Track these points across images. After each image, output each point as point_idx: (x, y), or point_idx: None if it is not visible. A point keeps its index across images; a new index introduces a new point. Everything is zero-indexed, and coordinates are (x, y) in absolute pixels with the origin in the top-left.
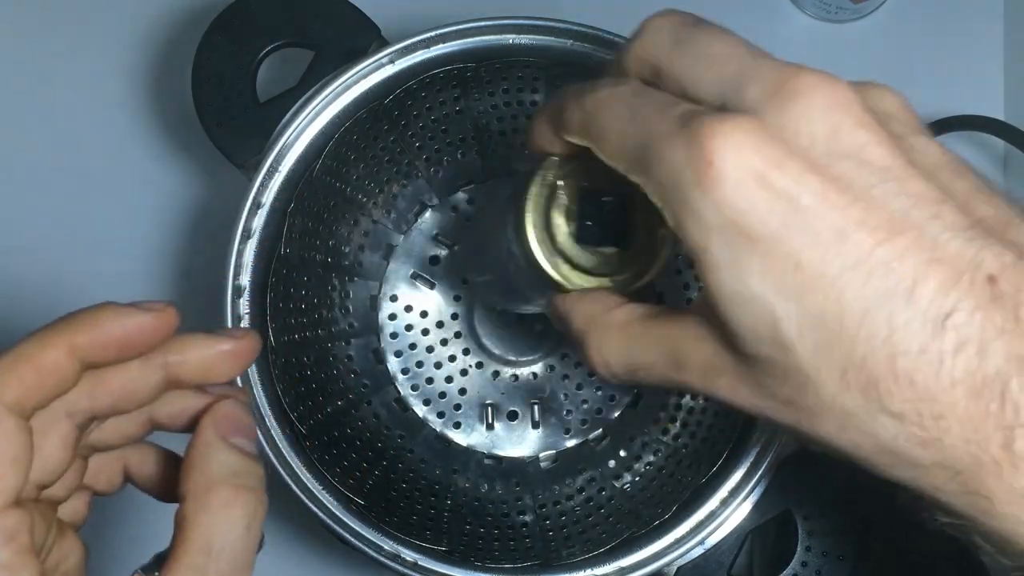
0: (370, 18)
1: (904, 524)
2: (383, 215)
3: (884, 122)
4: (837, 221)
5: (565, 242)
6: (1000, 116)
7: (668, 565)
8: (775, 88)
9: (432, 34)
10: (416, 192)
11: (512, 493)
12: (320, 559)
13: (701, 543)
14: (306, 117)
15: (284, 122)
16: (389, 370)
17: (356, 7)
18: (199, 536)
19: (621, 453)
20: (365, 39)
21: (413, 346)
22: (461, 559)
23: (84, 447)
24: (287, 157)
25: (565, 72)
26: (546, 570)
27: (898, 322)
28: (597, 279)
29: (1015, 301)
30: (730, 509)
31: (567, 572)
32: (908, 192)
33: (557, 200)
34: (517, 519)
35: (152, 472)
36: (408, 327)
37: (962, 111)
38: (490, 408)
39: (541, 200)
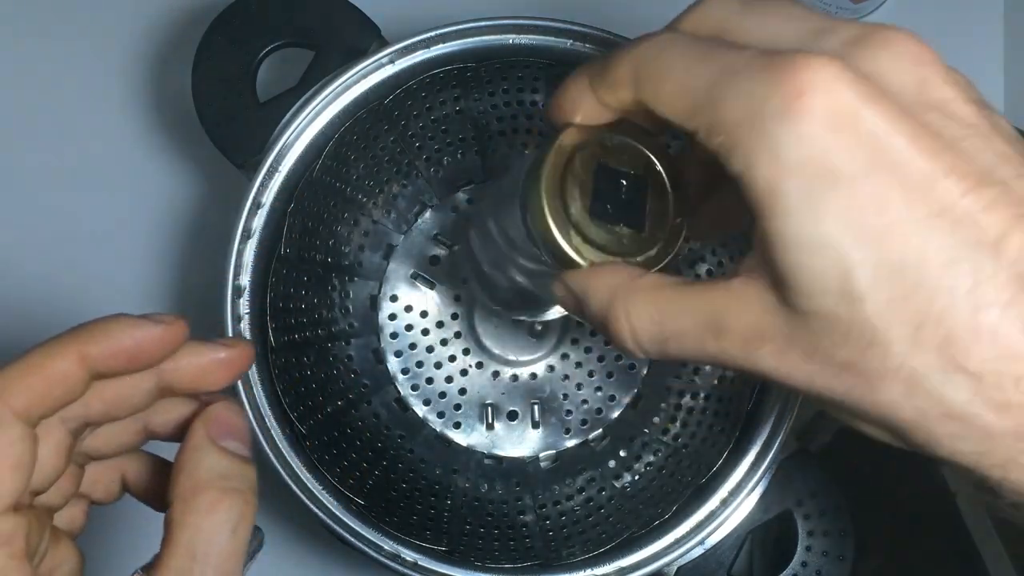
0: (370, 18)
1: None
2: (383, 215)
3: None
4: (926, 166)
5: (579, 214)
6: None
7: (668, 565)
8: (860, 37)
9: (432, 34)
10: (416, 192)
11: (512, 493)
12: (320, 559)
13: (701, 543)
14: (306, 117)
15: (284, 122)
16: (389, 370)
17: (356, 7)
18: (184, 539)
19: (621, 453)
20: (365, 39)
21: (413, 346)
22: (461, 559)
23: (79, 455)
24: (287, 157)
25: (565, 72)
26: (546, 570)
27: (984, 274)
28: (609, 257)
29: None
30: (730, 509)
31: (567, 572)
32: (994, 150)
33: (573, 171)
34: (517, 519)
35: (149, 481)
36: (408, 327)
37: None
38: (490, 408)
39: (557, 170)
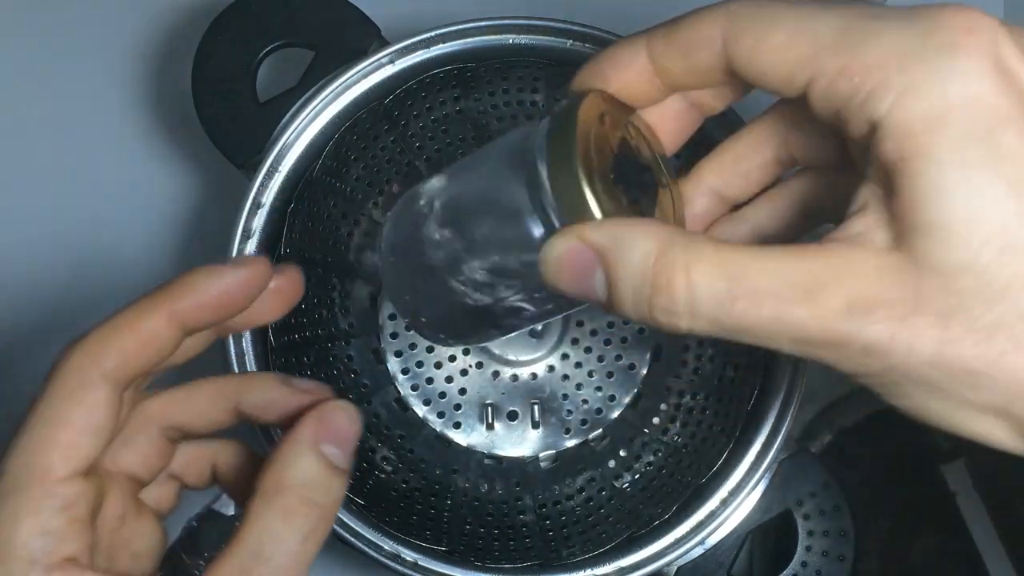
0: (370, 18)
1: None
2: (383, 215)
3: None
4: None
5: (601, 177)
6: None
7: (668, 565)
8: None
9: (432, 34)
10: None
11: (512, 493)
12: (320, 559)
13: (701, 543)
14: (306, 117)
15: (284, 122)
16: (389, 370)
17: (356, 7)
18: (253, 538)
19: (621, 453)
20: (365, 39)
21: (413, 346)
22: (461, 559)
23: (169, 428)
24: (287, 157)
25: (565, 72)
26: (546, 570)
27: None
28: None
29: None
30: (730, 509)
31: (567, 572)
32: None
33: (595, 138)
34: (517, 519)
35: (238, 473)
36: (408, 327)
37: None
38: (490, 408)
39: (584, 126)
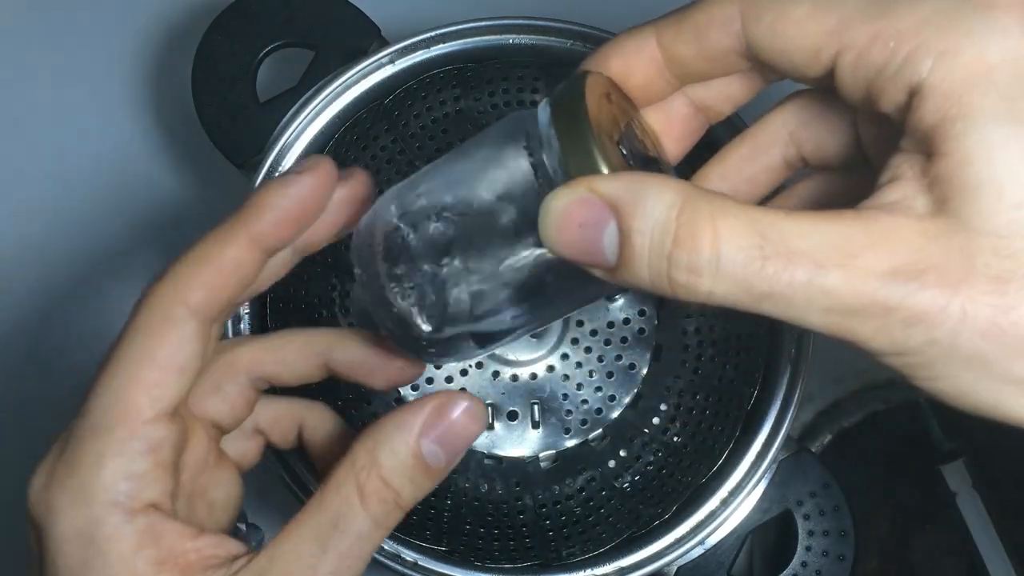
0: (370, 18)
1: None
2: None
3: None
4: None
5: (611, 141)
6: None
7: (668, 565)
8: None
9: (432, 34)
10: None
11: (512, 493)
12: None
13: (701, 543)
14: (306, 117)
15: (284, 122)
16: None
17: (356, 7)
18: (334, 507)
19: (621, 453)
20: (365, 39)
21: None
22: (461, 559)
23: (258, 379)
24: (287, 157)
25: (565, 72)
26: (546, 570)
27: None
28: None
29: None
30: (730, 509)
31: (567, 572)
32: None
33: (603, 109)
34: (517, 519)
35: (323, 440)
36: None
37: None
38: (490, 408)
39: (593, 98)
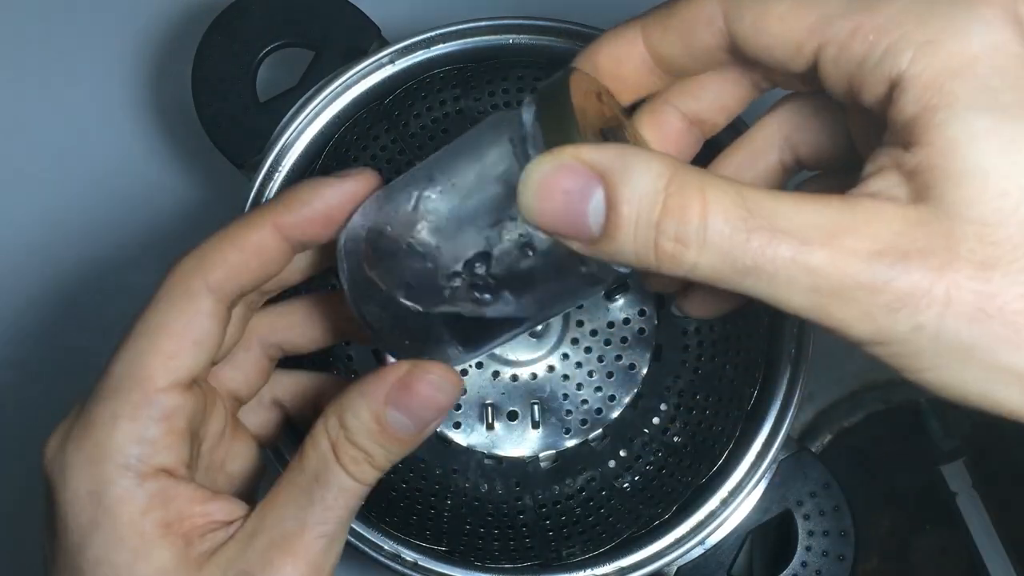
0: (370, 18)
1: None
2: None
3: None
4: None
5: (595, 134)
6: None
7: (668, 565)
8: None
9: (432, 34)
10: None
11: (512, 493)
12: None
13: (701, 543)
14: (306, 117)
15: (284, 122)
16: None
17: (356, 7)
18: (315, 459)
19: (621, 453)
20: (365, 39)
21: None
22: (461, 559)
23: (271, 346)
24: (287, 157)
25: None
26: (546, 570)
27: None
28: None
29: None
30: (730, 509)
31: (567, 572)
32: None
33: (589, 105)
34: (517, 519)
35: None
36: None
37: None
38: (490, 408)
39: (578, 93)
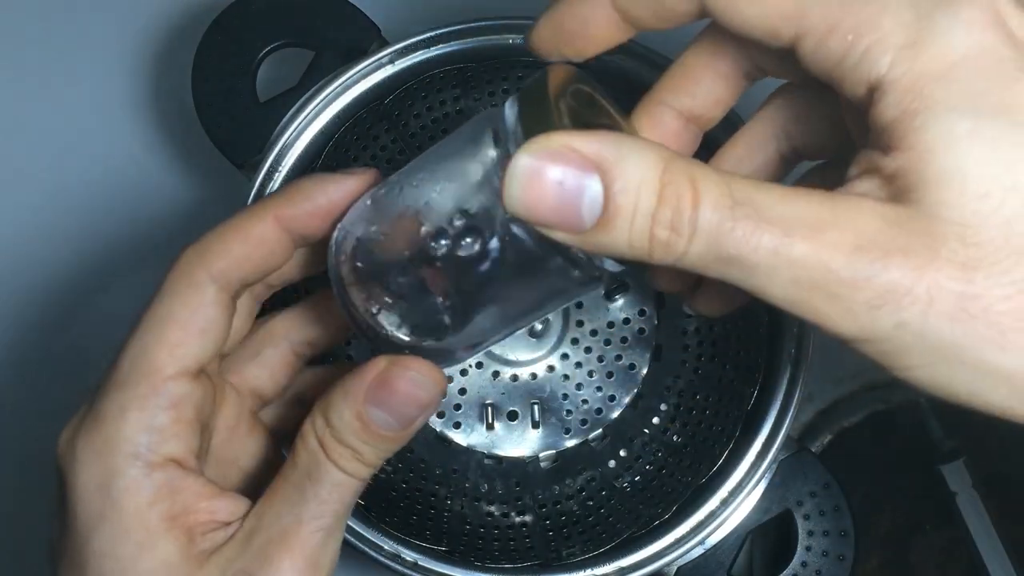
0: (370, 18)
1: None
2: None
3: None
4: None
5: (577, 126)
6: None
7: (668, 565)
8: None
9: (432, 34)
10: None
11: (512, 493)
12: None
13: (701, 543)
14: (306, 117)
15: (284, 122)
16: None
17: (356, 7)
18: (305, 457)
19: (621, 453)
20: (365, 39)
21: None
22: (461, 559)
23: (299, 343)
24: (287, 157)
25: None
26: (546, 570)
27: None
28: None
29: None
30: (730, 509)
31: (567, 572)
32: None
33: (568, 111)
34: (517, 519)
35: None
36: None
37: None
38: (490, 408)
39: (558, 91)
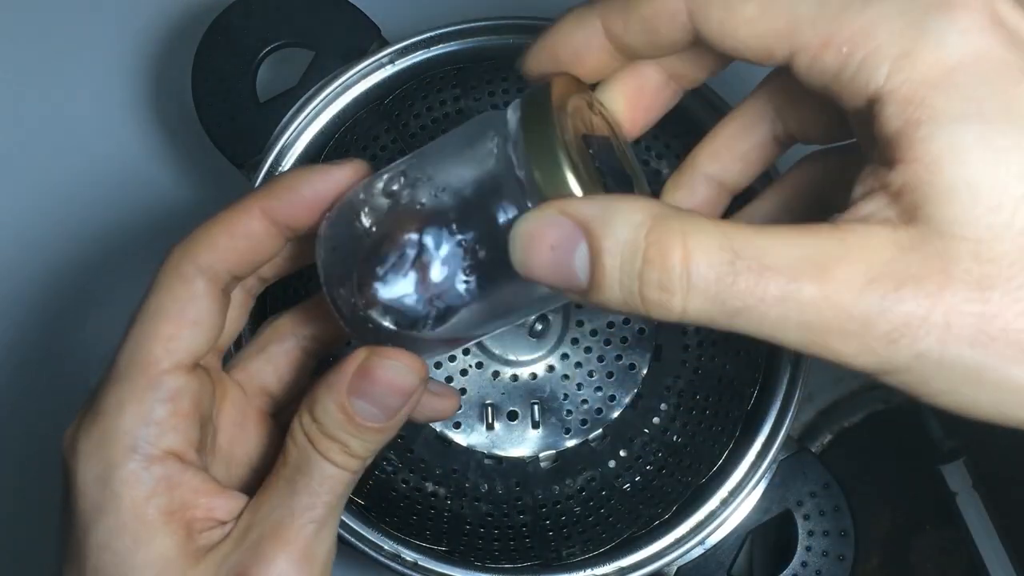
0: (370, 18)
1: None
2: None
3: None
4: None
5: (580, 152)
6: None
7: (668, 565)
8: None
9: (432, 34)
10: None
11: (512, 493)
12: None
13: (701, 543)
14: (306, 117)
15: (284, 122)
16: None
17: (356, 7)
18: (295, 453)
19: (621, 453)
20: (365, 39)
21: None
22: (461, 559)
23: (306, 339)
24: (287, 157)
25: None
26: (546, 570)
27: None
28: None
29: None
30: (730, 509)
31: (567, 572)
32: None
33: (564, 129)
34: (517, 519)
35: None
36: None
37: None
38: (490, 408)
39: (560, 108)
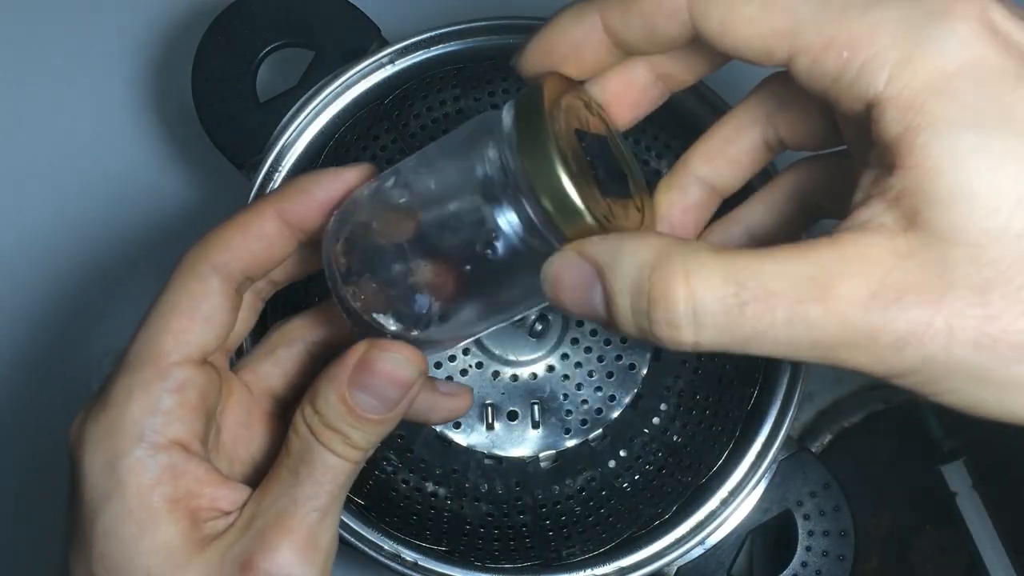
0: (370, 18)
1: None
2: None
3: None
4: None
5: (576, 159)
6: None
7: (668, 565)
8: None
9: (432, 34)
10: None
11: (512, 493)
12: None
13: (701, 543)
14: (306, 117)
15: (284, 122)
16: None
17: (356, 7)
18: (299, 444)
19: (621, 453)
20: (365, 39)
21: None
22: (461, 559)
23: (314, 344)
24: (287, 157)
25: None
26: (546, 570)
27: None
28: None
29: None
30: (730, 509)
31: (567, 572)
32: None
33: (558, 131)
34: (517, 519)
35: None
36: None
37: None
38: (490, 408)
39: (553, 113)
